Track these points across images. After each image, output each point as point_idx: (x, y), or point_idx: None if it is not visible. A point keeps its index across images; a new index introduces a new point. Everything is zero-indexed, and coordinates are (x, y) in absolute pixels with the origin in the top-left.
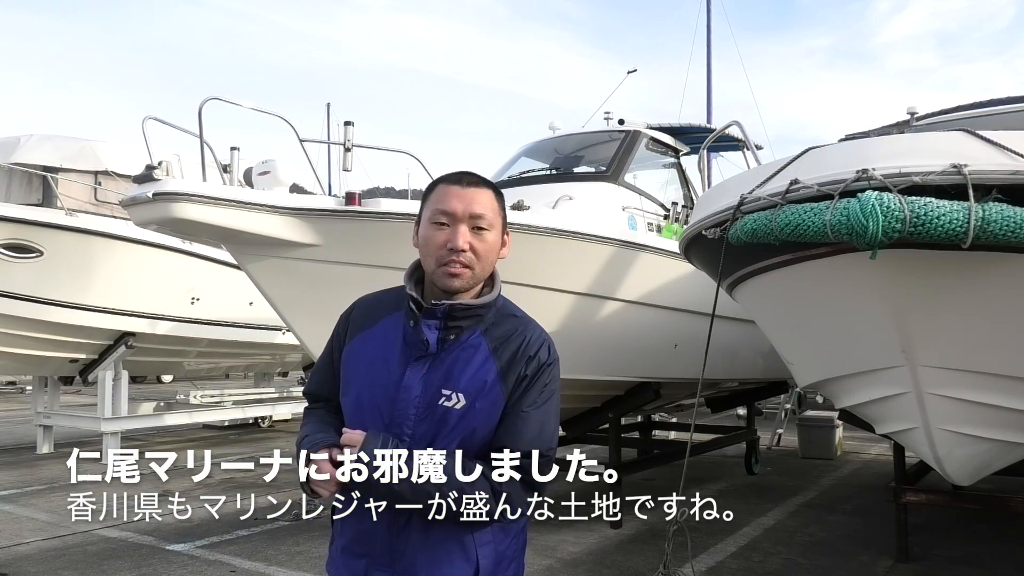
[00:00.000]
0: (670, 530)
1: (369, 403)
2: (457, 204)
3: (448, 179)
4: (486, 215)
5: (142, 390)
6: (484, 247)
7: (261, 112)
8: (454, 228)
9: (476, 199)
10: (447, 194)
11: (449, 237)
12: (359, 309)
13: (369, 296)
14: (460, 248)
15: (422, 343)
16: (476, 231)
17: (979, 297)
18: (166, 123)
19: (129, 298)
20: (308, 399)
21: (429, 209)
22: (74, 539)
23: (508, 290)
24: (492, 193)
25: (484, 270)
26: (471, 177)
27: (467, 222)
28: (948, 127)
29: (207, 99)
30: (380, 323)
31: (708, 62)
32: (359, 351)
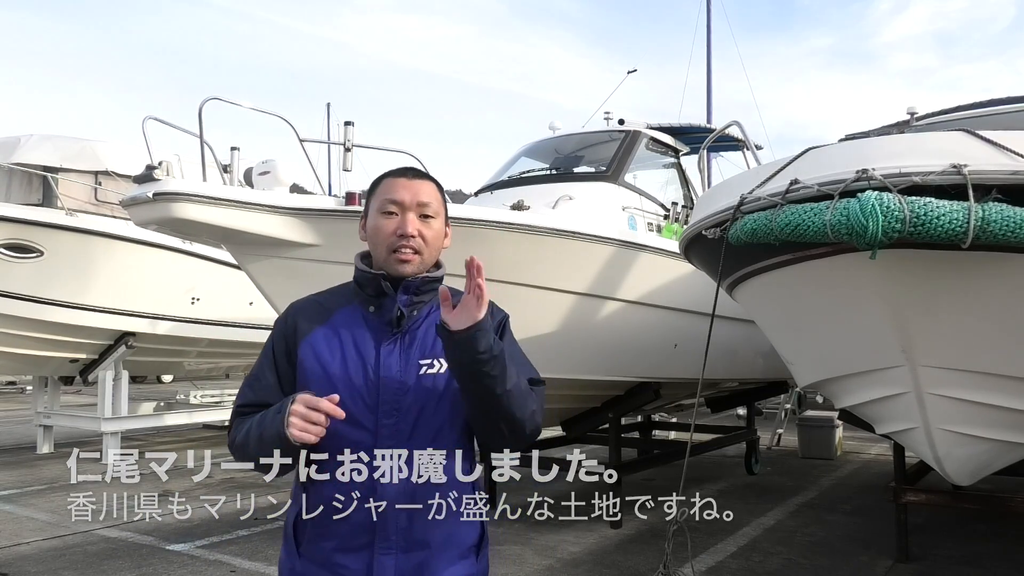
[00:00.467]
0: (670, 530)
1: (349, 394)
2: (405, 194)
3: (394, 173)
4: (432, 203)
5: (142, 390)
6: (432, 234)
7: (261, 112)
8: (403, 216)
9: (422, 189)
10: (394, 185)
11: (399, 224)
12: (301, 312)
13: (303, 300)
14: (410, 234)
15: (390, 323)
16: (423, 219)
17: (979, 297)
18: (166, 123)
19: (129, 298)
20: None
21: (377, 200)
22: (74, 539)
23: (508, 290)
24: (435, 185)
25: (432, 256)
26: (415, 171)
27: (415, 210)
28: (948, 127)
29: (207, 99)
30: (335, 317)
31: (708, 62)
32: (322, 348)
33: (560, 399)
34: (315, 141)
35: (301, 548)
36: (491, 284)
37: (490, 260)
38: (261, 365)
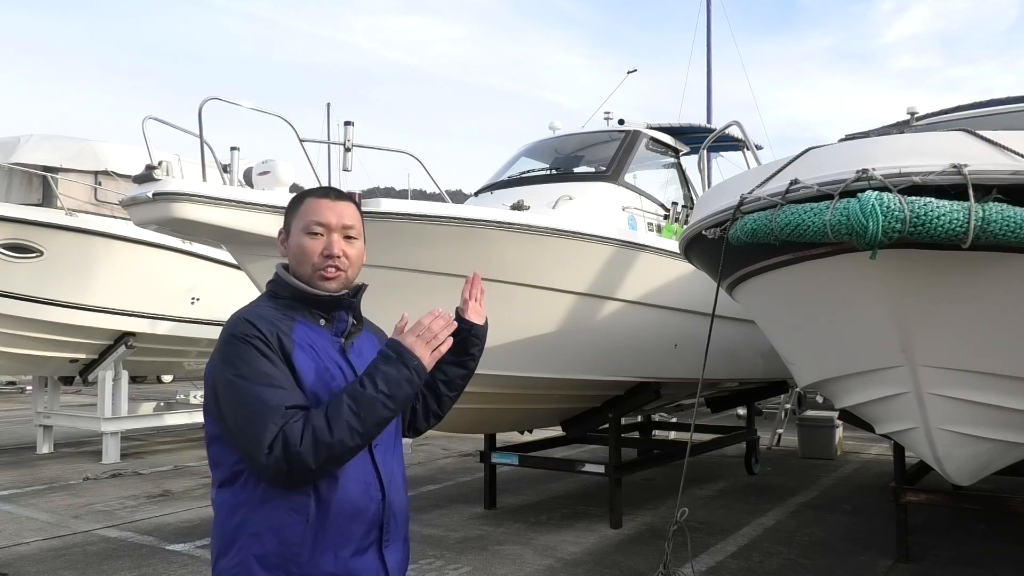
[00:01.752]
0: (670, 530)
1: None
2: (330, 216)
3: (317, 193)
4: (355, 225)
5: (142, 390)
6: (355, 253)
7: (261, 112)
8: (328, 237)
9: (346, 212)
10: (319, 207)
11: (325, 245)
12: (270, 324)
13: (254, 314)
14: (336, 255)
15: (340, 334)
16: (347, 240)
17: (979, 297)
18: (166, 123)
19: (129, 298)
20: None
21: (301, 221)
22: (74, 539)
23: (509, 290)
24: (356, 207)
25: (354, 274)
26: (338, 192)
27: (340, 232)
28: (948, 127)
29: (207, 99)
30: (298, 330)
31: (708, 62)
32: (308, 359)
33: (560, 399)
34: (315, 141)
35: (305, 568)
36: (491, 284)
37: (490, 260)
38: (270, 367)
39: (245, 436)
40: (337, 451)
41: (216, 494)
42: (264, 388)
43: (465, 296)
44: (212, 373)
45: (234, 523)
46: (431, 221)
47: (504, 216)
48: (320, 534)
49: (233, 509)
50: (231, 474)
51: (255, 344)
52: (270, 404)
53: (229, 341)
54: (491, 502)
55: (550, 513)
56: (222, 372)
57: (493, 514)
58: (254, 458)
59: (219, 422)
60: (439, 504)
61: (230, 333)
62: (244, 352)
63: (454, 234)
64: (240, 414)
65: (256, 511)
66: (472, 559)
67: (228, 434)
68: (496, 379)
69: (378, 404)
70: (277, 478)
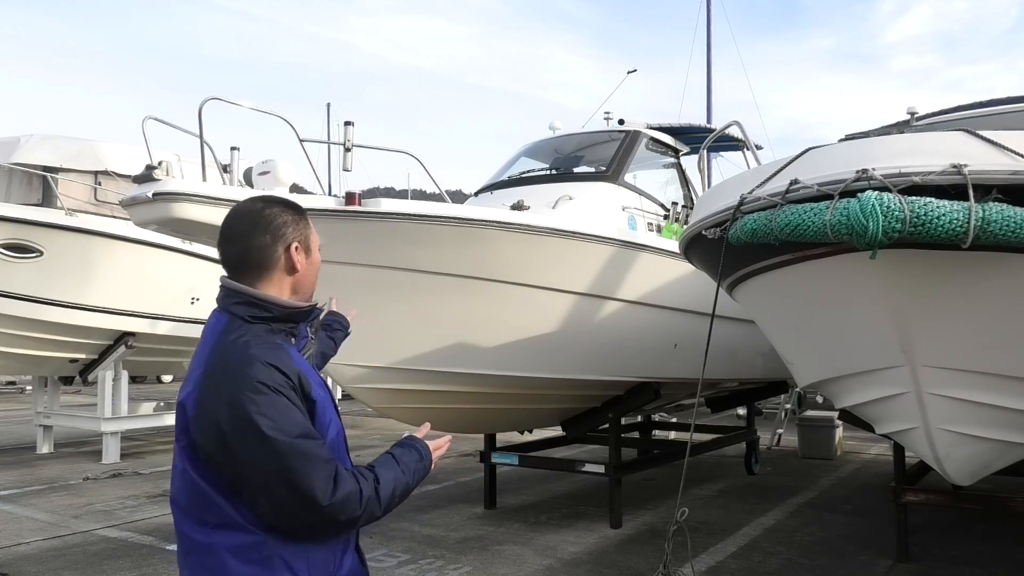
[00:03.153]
0: (670, 530)
1: (338, 422)
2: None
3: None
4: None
5: (142, 390)
6: None
7: (261, 112)
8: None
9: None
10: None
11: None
12: (290, 369)
13: (271, 355)
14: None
15: (304, 348)
16: None
17: (979, 297)
18: (166, 123)
19: (129, 298)
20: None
21: (315, 238)
22: (74, 539)
23: (509, 290)
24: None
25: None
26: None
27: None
28: (948, 127)
29: (207, 99)
30: (295, 359)
31: (708, 62)
32: (321, 396)
33: (560, 399)
34: (315, 141)
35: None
36: (491, 284)
37: (490, 260)
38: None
39: (292, 487)
40: (376, 517)
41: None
42: (306, 441)
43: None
44: (236, 420)
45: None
46: (431, 221)
47: (504, 216)
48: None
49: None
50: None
51: (286, 394)
52: (320, 456)
53: (258, 390)
54: (491, 502)
55: (550, 513)
56: (255, 422)
57: (493, 514)
58: (309, 507)
59: (223, 469)
60: (439, 504)
61: (259, 381)
62: (277, 402)
63: (454, 234)
64: (279, 469)
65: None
66: (472, 559)
67: (238, 482)
68: (496, 379)
69: (408, 492)
70: (314, 525)
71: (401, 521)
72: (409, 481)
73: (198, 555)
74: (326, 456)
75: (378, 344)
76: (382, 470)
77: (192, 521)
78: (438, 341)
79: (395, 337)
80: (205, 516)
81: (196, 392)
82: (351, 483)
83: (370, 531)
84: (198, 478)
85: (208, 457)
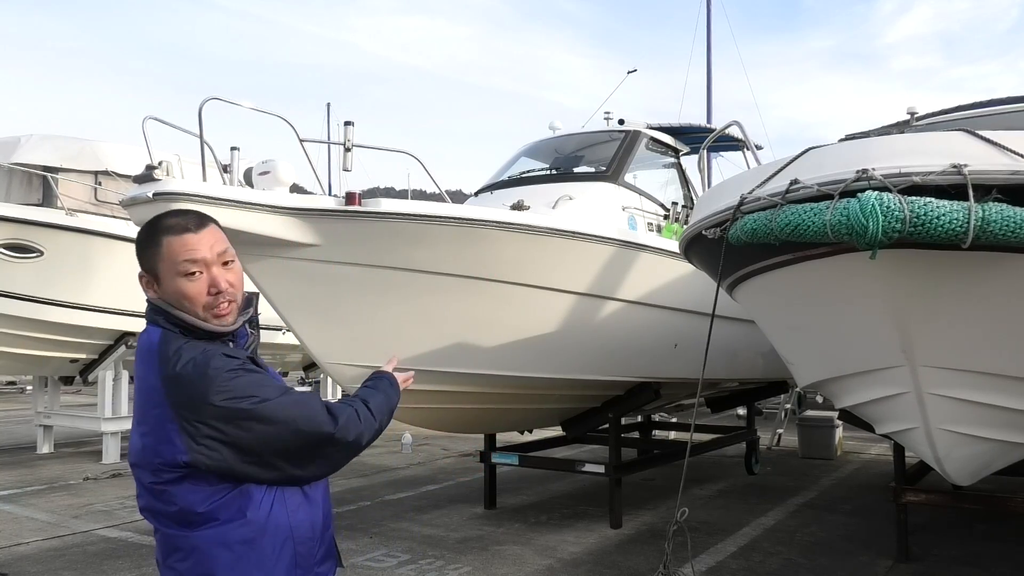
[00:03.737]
0: (670, 530)
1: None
2: (203, 250)
3: (175, 229)
4: (228, 248)
5: None
6: (236, 277)
7: (261, 112)
8: (208, 274)
9: (214, 238)
10: (186, 243)
11: (209, 283)
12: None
13: (210, 350)
14: (223, 289)
15: (248, 346)
16: (226, 266)
17: (979, 297)
18: (166, 123)
19: (129, 298)
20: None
21: (170, 264)
22: (74, 539)
23: (509, 290)
24: (216, 226)
25: (240, 296)
26: (196, 217)
27: (217, 263)
28: (948, 127)
29: (207, 99)
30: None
31: (708, 62)
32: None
33: (560, 399)
34: (315, 141)
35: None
36: (491, 284)
37: (490, 260)
38: (279, 385)
39: (304, 432)
40: (375, 437)
41: (199, 536)
42: (290, 394)
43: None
44: (225, 418)
45: (238, 548)
46: (431, 221)
47: (504, 216)
48: (326, 521)
49: (241, 539)
50: (222, 504)
51: (249, 368)
52: (305, 399)
53: (230, 378)
54: (491, 502)
55: (550, 513)
56: (243, 407)
57: (493, 514)
58: (321, 439)
59: (235, 464)
60: (439, 504)
61: (228, 370)
62: (251, 379)
63: (454, 234)
64: (285, 424)
65: (271, 521)
66: (472, 559)
67: (257, 461)
68: (496, 379)
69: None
70: (333, 458)
71: (401, 521)
72: (391, 400)
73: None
74: (308, 396)
75: (378, 344)
76: (363, 392)
77: (183, 527)
78: (438, 341)
79: (395, 337)
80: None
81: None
82: (343, 407)
83: (370, 531)
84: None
85: (219, 467)
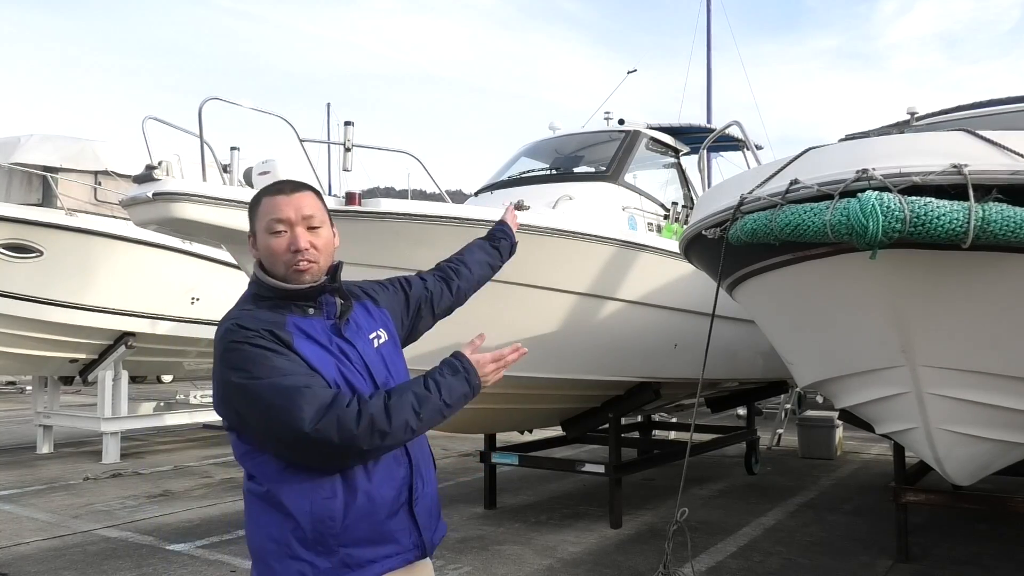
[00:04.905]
0: (670, 530)
1: (350, 384)
2: (289, 210)
3: (271, 191)
4: (316, 215)
5: (142, 390)
6: (321, 242)
7: (261, 112)
8: (292, 232)
9: (304, 202)
10: (276, 204)
11: (290, 241)
12: (257, 325)
13: (240, 317)
14: (303, 248)
15: (332, 316)
16: (311, 230)
17: (979, 297)
18: (166, 123)
19: (129, 298)
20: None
21: (262, 221)
22: (74, 539)
23: (508, 290)
24: (314, 194)
25: (326, 261)
26: (292, 184)
27: (302, 224)
28: (948, 127)
29: (207, 99)
30: (290, 325)
31: (708, 62)
32: (308, 350)
33: (560, 399)
34: (315, 141)
35: (341, 538)
36: (491, 284)
37: None
38: (278, 367)
39: (277, 423)
40: (389, 441)
41: (246, 485)
42: (280, 379)
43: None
44: (223, 386)
45: (266, 508)
46: (431, 221)
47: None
48: (351, 504)
49: (262, 496)
50: (252, 464)
51: (255, 343)
52: (294, 386)
53: (230, 349)
54: (491, 502)
55: (550, 513)
56: (232, 380)
57: (493, 514)
58: (295, 437)
59: (243, 431)
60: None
61: (230, 341)
62: (249, 354)
63: (454, 234)
64: (264, 410)
65: (285, 493)
66: (472, 559)
67: (253, 436)
68: None
69: (438, 411)
70: (317, 457)
71: None
72: (442, 400)
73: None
74: (304, 384)
75: None
76: (399, 389)
77: (245, 479)
78: (437, 341)
79: None
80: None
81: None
82: (344, 406)
83: None
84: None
85: (231, 425)
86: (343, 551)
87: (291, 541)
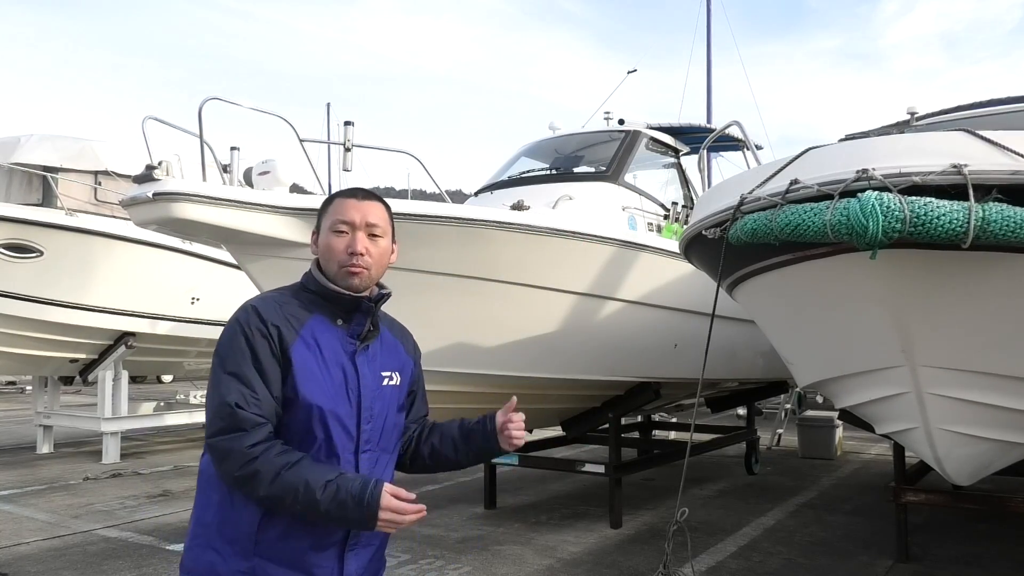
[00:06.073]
0: (670, 530)
1: (337, 400)
2: (355, 214)
3: (344, 194)
4: (379, 224)
5: (142, 390)
6: (378, 251)
7: (261, 112)
8: (353, 235)
9: (371, 210)
10: (345, 206)
11: (349, 243)
12: (274, 316)
13: (264, 303)
14: (359, 251)
15: (357, 336)
16: (371, 238)
17: (979, 297)
18: (166, 123)
19: (129, 298)
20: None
21: (329, 219)
22: (74, 539)
23: (508, 290)
24: (383, 207)
25: (379, 272)
26: (365, 192)
27: (364, 230)
28: (948, 127)
29: (207, 99)
30: (309, 326)
31: (708, 62)
32: (308, 355)
33: (560, 399)
34: (315, 141)
35: (260, 547)
36: (491, 284)
37: (490, 260)
38: (248, 366)
39: (207, 415)
40: (255, 497)
41: (201, 462)
42: (230, 381)
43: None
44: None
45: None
46: (431, 221)
47: (504, 216)
48: (272, 518)
49: (208, 478)
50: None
51: (246, 334)
52: (229, 396)
53: (229, 324)
54: (491, 502)
55: (550, 513)
56: (215, 354)
57: (493, 514)
58: (207, 432)
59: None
60: (439, 504)
61: (234, 318)
62: (234, 341)
63: (454, 234)
64: (209, 395)
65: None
66: (472, 559)
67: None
68: (496, 379)
69: (312, 511)
70: (212, 458)
71: None
72: (324, 509)
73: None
74: (236, 400)
75: None
76: (304, 467)
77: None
78: (438, 341)
79: None
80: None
81: None
82: (245, 444)
83: None
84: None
85: None
86: (256, 560)
87: (214, 530)
